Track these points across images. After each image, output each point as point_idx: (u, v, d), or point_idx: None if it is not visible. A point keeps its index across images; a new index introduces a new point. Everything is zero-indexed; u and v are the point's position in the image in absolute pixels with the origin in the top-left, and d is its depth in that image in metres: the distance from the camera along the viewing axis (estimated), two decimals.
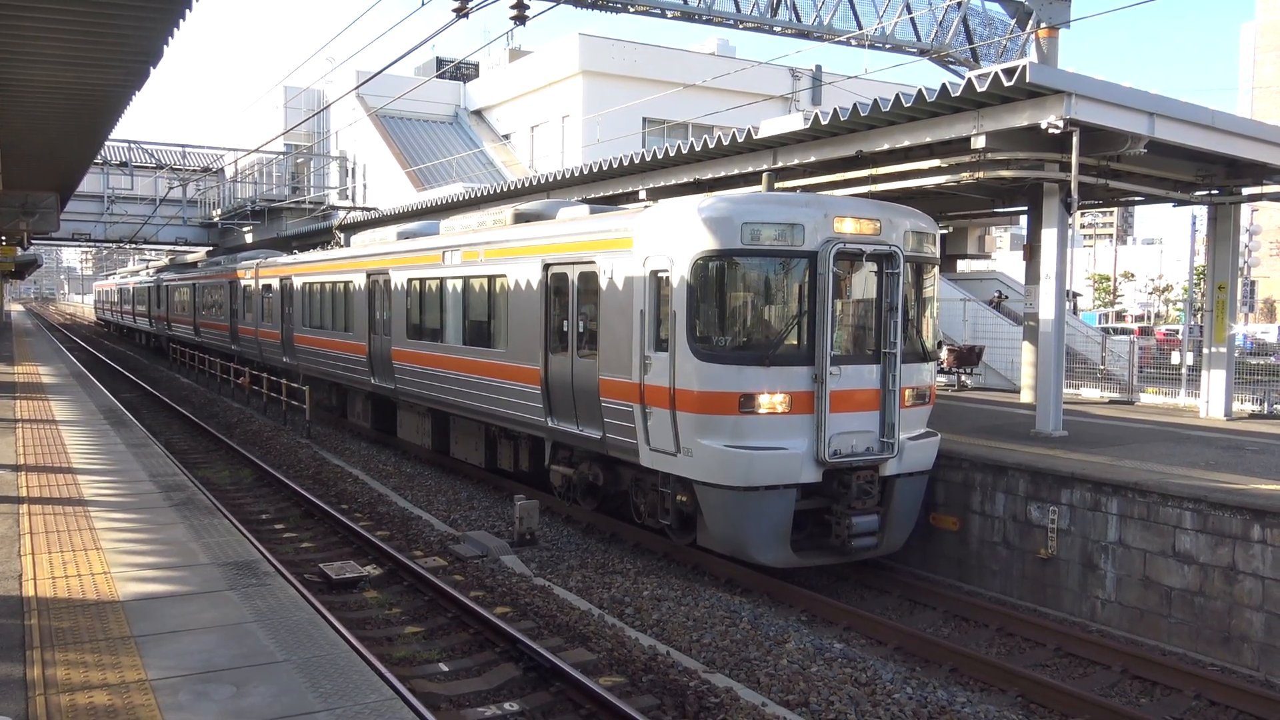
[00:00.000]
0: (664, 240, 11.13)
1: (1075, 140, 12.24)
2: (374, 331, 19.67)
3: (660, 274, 11.16)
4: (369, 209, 28.38)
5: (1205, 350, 16.90)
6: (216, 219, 46.78)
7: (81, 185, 24.12)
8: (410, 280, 17.93)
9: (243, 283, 29.96)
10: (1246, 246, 65.51)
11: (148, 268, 59.87)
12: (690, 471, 10.87)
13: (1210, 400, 16.73)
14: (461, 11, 15.08)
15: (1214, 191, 15.93)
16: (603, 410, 12.11)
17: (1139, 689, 9.12)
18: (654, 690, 8.15)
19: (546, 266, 13.36)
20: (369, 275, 19.79)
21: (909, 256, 11.31)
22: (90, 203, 43.45)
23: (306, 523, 14.11)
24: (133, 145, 43.91)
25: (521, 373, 13.99)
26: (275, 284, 26.57)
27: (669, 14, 19.45)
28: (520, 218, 15.17)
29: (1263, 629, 9.36)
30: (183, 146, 45.96)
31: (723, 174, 16.72)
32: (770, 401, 10.59)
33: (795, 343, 10.80)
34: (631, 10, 18.87)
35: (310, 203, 44.46)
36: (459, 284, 16.20)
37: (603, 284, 12.12)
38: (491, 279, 15.06)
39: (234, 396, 29.23)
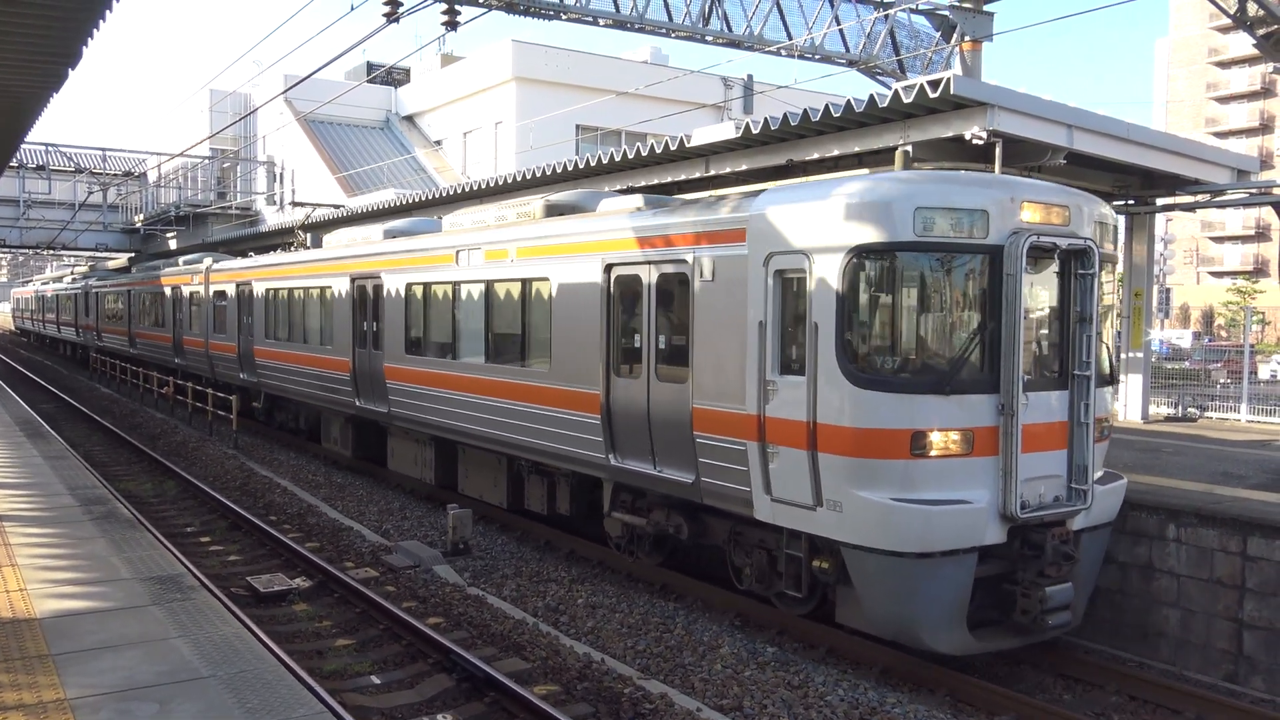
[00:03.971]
0: (797, 231, 8.94)
1: (998, 151, 12.55)
2: (361, 345, 17.05)
3: (790, 276, 9.01)
4: (337, 205, 25.51)
5: (1123, 355, 17.45)
6: (139, 224, 45.66)
7: None
8: (410, 285, 15.35)
9: (188, 289, 26.73)
10: (1162, 255, 67.69)
11: (72, 273, 57.25)
12: (838, 531, 8.64)
13: (1128, 404, 17.26)
14: (392, 16, 14.96)
15: (1130, 201, 16.47)
16: (696, 448, 9.90)
17: (1063, 686, 9.35)
18: (589, 698, 8.15)
19: (609, 267, 11.06)
20: (354, 280, 17.19)
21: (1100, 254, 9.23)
22: (5, 207, 42.12)
23: (234, 535, 13.83)
24: (50, 148, 42.67)
25: (572, 398, 11.63)
26: (230, 290, 23.56)
27: (601, 22, 19.48)
28: (553, 210, 13.02)
29: (1178, 625, 9.67)
30: (103, 150, 44.79)
31: (655, 181, 16.80)
32: (948, 440, 8.45)
33: (977, 364, 8.67)
34: (564, 17, 18.86)
35: (237, 208, 43.65)
36: (479, 289, 13.64)
37: (697, 288, 9.92)
38: (526, 283, 12.64)
39: (157, 406, 28.52)
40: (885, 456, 8.38)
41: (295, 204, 25.26)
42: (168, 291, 28.99)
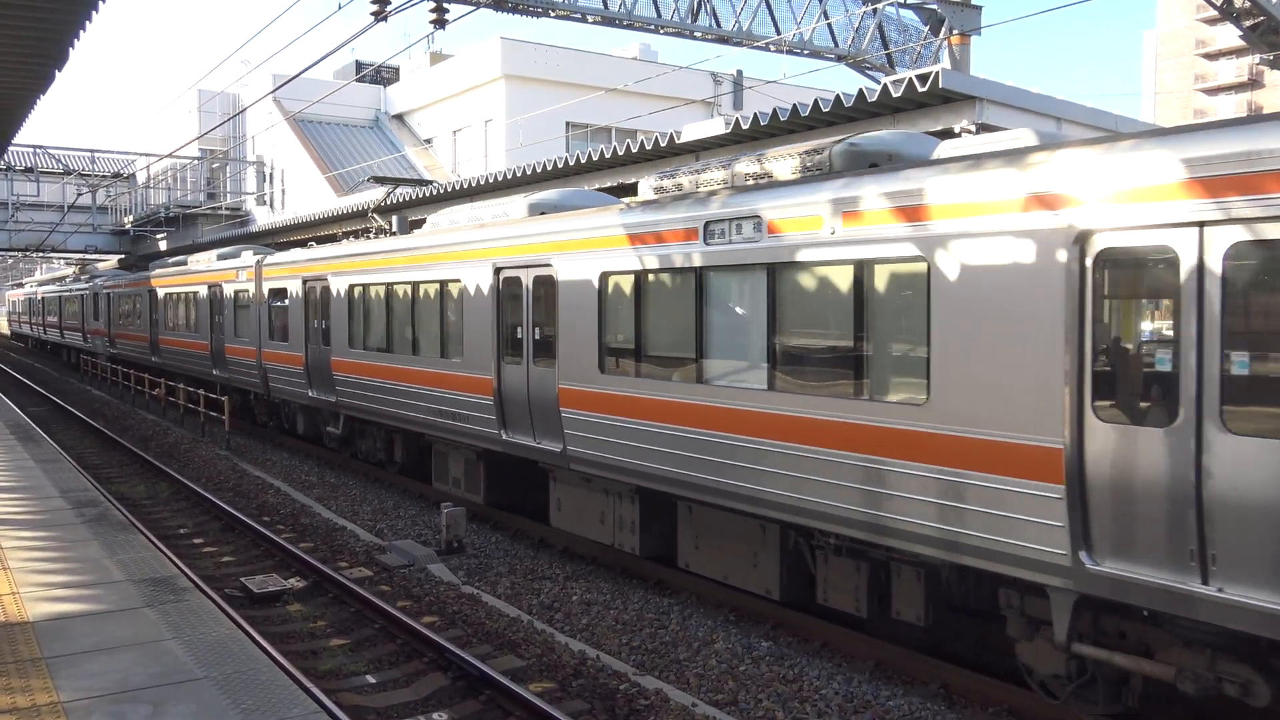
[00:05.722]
0: None
1: None
2: (512, 359, 12.87)
3: None
4: (426, 182, 22.04)
5: None
6: (129, 226, 45.58)
7: None
8: (608, 276, 11.15)
9: (232, 287, 22.93)
10: None
11: (75, 272, 55.04)
12: None
13: None
14: (380, 15, 14.94)
15: None
16: None
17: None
18: (584, 695, 8.17)
19: (1083, 239, 6.84)
20: (499, 270, 13.00)
21: None
22: None
23: (227, 536, 13.81)
24: (38, 150, 42.53)
25: (980, 452, 7.44)
26: (294, 288, 19.54)
27: (590, 19, 19.49)
28: (860, 159, 9.12)
29: None
30: (91, 151, 44.69)
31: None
32: None
33: None
34: (552, 14, 18.86)
35: (227, 208, 43.58)
36: (758, 279, 9.40)
37: None
38: (864, 267, 8.38)
39: (149, 409, 28.46)
40: None
41: (375, 179, 21.20)
42: (202, 291, 25.11)
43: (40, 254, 51.41)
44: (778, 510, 9.18)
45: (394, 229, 18.80)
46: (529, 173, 16.95)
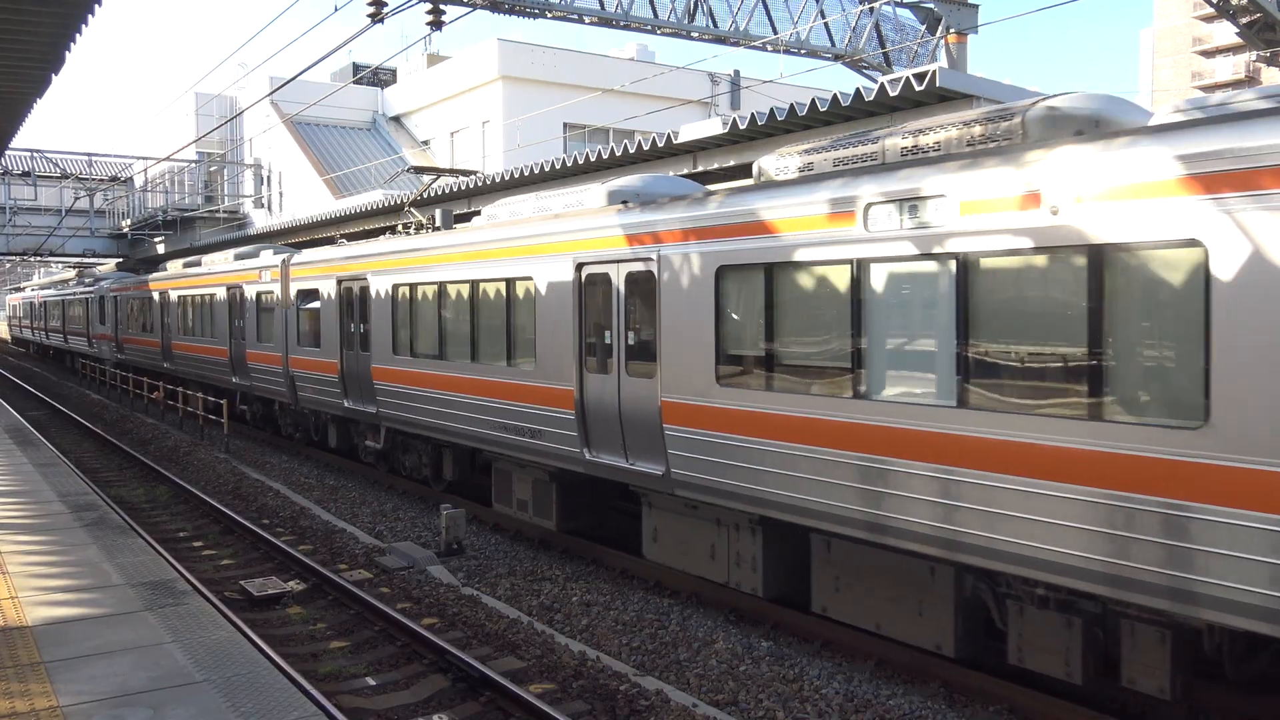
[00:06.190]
0: None
1: None
2: (599, 367, 11.16)
3: None
4: (469, 171, 20.50)
5: None
6: (126, 229, 45.60)
7: None
8: (725, 272, 9.46)
9: (254, 289, 21.40)
10: None
11: (78, 274, 54.00)
12: None
13: None
14: (377, 16, 14.93)
15: None
16: None
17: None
18: (584, 695, 8.17)
19: None
20: (581, 267, 11.34)
21: None
22: None
23: (226, 539, 13.80)
24: (36, 154, 42.57)
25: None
26: (328, 289, 17.95)
27: (586, 19, 19.49)
28: (1059, 122, 7.57)
29: None
30: (89, 155, 44.74)
31: None
32: None
33: None
34: (549, 15, 18.86)
35: (225, 211, 43.60)
36: (943, 272, 7.62)
37: None
38: (1103, 255, 6.62)
39: (148, 412, 28.44)
40: None
41: (414, 170, 19.74)
42: (220, 293, 23.53)
43: (38, 258, 51.37)
44: (967, 553, 7.53)
45: (438, 223, 17.21)
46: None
